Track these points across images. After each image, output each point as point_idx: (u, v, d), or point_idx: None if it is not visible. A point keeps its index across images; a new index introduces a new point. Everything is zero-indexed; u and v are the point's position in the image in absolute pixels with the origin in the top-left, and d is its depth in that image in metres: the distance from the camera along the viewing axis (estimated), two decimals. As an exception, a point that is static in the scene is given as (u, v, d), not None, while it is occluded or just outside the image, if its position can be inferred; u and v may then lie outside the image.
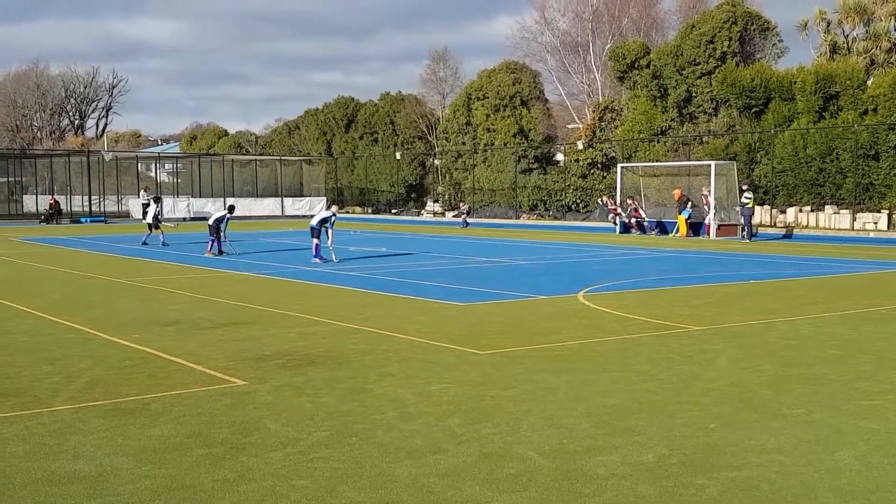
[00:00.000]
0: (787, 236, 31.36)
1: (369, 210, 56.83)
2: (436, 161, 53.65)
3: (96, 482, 5.48)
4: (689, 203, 32.05)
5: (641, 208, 33.79)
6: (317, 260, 20.36)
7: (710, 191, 31.09)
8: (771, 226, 34.08)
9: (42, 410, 7.19)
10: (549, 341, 10.22)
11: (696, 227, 31.64)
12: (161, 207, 27.49)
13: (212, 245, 22.74)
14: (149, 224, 27.20)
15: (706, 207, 31.27)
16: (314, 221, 20.94)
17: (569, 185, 43.42)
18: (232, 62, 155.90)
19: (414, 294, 14.69)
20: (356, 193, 58.14)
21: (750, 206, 29.31)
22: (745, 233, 29.23)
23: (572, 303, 13.61)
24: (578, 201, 43.76)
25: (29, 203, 53.03)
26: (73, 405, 7.36)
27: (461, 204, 42.45)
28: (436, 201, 53.11)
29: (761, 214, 35.38)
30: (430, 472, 5.62)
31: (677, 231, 31.79)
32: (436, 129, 54.42)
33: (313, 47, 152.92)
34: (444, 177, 52.54)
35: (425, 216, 50.75)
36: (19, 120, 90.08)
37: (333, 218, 20.74)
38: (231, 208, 24.19)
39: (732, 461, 5.81)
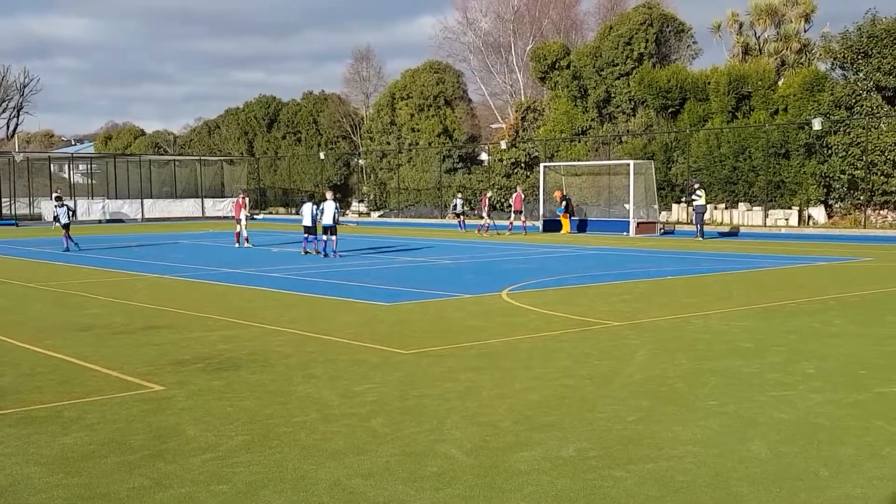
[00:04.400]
0: (733, 234, 31.94)
1: (293, 211, 56.22)
2: (360, 161, 53.41)
3: (7, 492, 5.29)
4: (566, 203, 33.98)
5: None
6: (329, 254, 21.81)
7: (561, 190, 33.97)
8: (687, 223, 35.01)
9: (-53, 422, 6.90)
10: (473, 339, 10.29)
11: (555, 225, 34.15)
12: (66, 210, 26.02)
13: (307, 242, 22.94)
14: (64, 226, 25.98)
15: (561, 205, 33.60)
16: (328, 220, 21.59)
17: (493, 185, 43.78)
18: (150, 61, 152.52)
19: (339, 295, 14.60)
20: (279, 194, 57.45)
21: (702, 202, 29.92)
22: (698, 231, 29.77)
23: (496, 301, 13.72)
24: (503, 200, 44.14)
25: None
26: (-20, 415, 7.07)
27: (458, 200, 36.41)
28: (361, 201, 52.88)
29: (678, 212, 36.32)
30: (352, 473, 5.60)
31: (562, 229, 33.51)
32: (360, 128, 54.19)
33: (234, 46, 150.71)
34: (369, 176, 52.35)
35: (350, 216, 50.48)
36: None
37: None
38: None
39: (649, 453, 5.95)
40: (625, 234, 31.65)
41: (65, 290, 15.61)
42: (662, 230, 33.31)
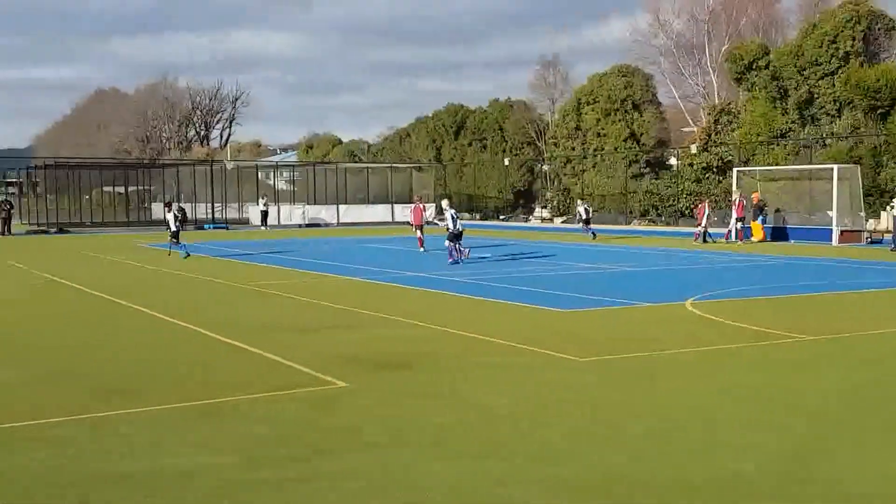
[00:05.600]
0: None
1: (477, 216, 57.01)
2: (544, 167, 53.35)
3: (191, 477, 5.71)
4: (764, 209, 31.62)
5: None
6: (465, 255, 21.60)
7: (737, 198, 30.60)
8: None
9: (147, 408, 7.54)
10: (654, 349, 10.00)
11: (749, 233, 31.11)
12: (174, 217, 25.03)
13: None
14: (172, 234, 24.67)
15: (735, 213, 30.47)
16: (459, 227, 21.72)
17: (682, 190, 42.38)
18: (345, 72, 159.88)
19: (516, 300, 14.65)
20: (465, 200, 58.47)
21: None
22: (893, 242, 27.56)
23: (678, 311, 13.27)
24: (692, 206, 42.64)
25: (157, 210, 55.65)
26: (172, 404, 7.66)
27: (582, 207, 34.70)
28: (544, 207, 52.83)
29: (887, 221, 33.55)
30: (518, 479, 5.60)
31: (752, 235, 30.95)
32: (544, 134, 54.16)
33: (423, 55, 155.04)
34: (553, 182, 52.20)
35: (533, 222, 50.53)
36: (149, 131, 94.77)
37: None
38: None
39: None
40: (827, 242, 29.68)
41: (263, 290, 16.65)
42: (869, 239, 30.94)
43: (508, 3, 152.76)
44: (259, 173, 59.45)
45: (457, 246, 21.92)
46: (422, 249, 26.44)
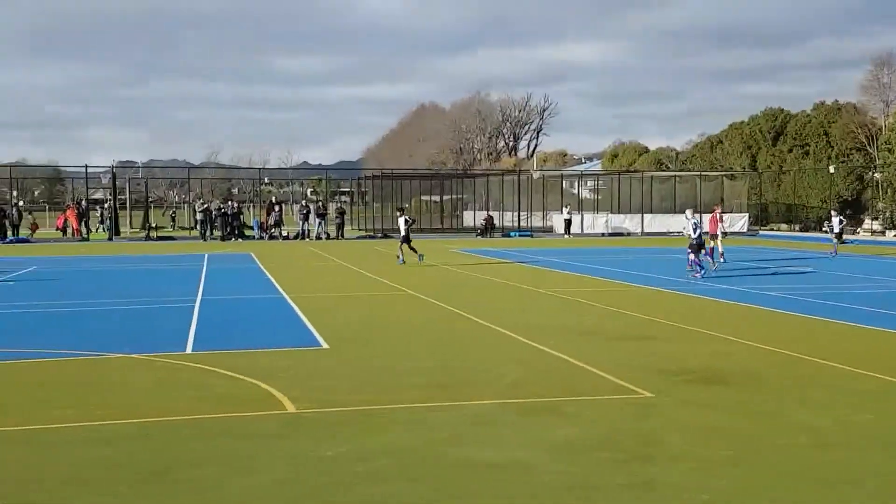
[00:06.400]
0: None
1: (796, 227, 53.34)
2: (876, 175, 48.60)
3: (515, 471, 6.04)
4: None
5: None
6: (697, 276, 20.46)
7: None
8: None
9: (472, 402, 8.05)
10: None
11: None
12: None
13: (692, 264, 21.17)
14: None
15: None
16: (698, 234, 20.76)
17: None
18: (656, 79, 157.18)
19: (841, 318, 13.59)
20: (782, 210, 54.95)
21: None
22: None
23: None
24: None
25: (467, 218, 58.78)
26: (497, 400, 8.12)
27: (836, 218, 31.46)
28: (875, 219, 48.11)
29: None
30: (843, 507, 5.26)
31: None
32: (877, 139, 49.34)
33: (738, 58, 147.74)
34: (886, 192, 47.37)
35: (862, 235, 46.22)
36: (462, 143, 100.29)
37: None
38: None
39: None
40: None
41: (568, 297, 16.97)
42: None
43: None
44: (564, 182, 60.42)
45: (699, 257, 20.93)
46: (714, 262, 25.36)
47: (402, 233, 25.10)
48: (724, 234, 26.05)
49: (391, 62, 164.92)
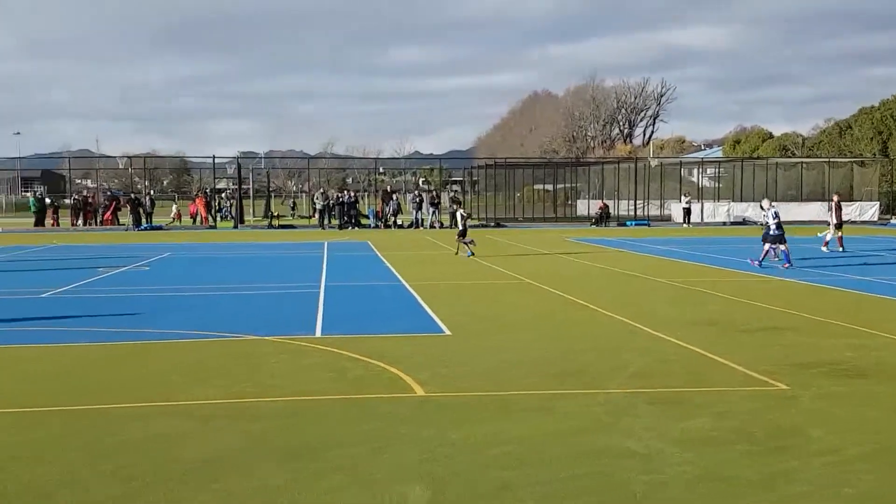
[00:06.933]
0: None
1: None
2: None
3: (646, 460, 6.05)
4: None
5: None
6: (786, 265, 19.98)
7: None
8: None
9: (598, 391, 8.08)
10: None
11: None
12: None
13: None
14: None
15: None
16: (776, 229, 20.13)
17: None
18: (781, 63, 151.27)
19: None
20: (917, 197, 52.09)
21: None
22: None
23: None
24: None
25: (581, 206, 58.19)
26: (624, 389, 8.11)
27: None
28: None
29: None
30: None
31: None
32: None
33: (871, 41, 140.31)
34: None
35: None
36: (575, 131, 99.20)
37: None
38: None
39: None
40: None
41: (687, 286, 16.64)
42: None
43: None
44: (682, 170, 59.00)
45: (777, 250, 20.22)
46: (824, 249, 24.63)
47: (460, 227, 25.09)
48: (840, 223, 25.21)
49: (504, 51, 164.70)
